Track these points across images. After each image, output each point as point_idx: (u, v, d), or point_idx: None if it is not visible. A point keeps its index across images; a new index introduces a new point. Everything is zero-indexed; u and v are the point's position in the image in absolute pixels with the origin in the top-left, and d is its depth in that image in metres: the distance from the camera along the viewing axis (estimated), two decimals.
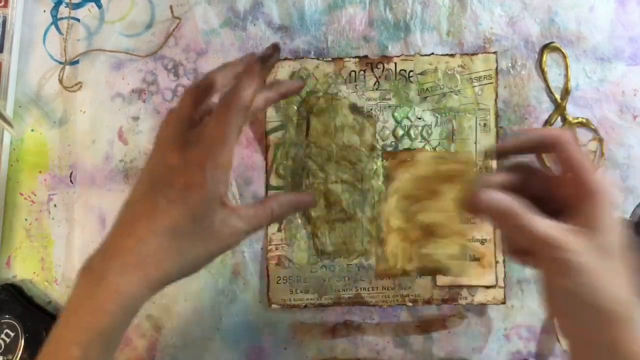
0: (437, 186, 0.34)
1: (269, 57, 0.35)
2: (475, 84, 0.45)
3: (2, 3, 0.45)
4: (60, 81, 0.46)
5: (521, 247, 0.33)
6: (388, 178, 0.38)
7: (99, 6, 0.47)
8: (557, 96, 0.45)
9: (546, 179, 0.33)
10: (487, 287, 0.44)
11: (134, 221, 0.33)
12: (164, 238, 0.33)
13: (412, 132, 0.45)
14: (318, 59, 0.45)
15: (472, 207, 0.31)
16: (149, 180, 0.34)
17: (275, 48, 0.35)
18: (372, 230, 0.44)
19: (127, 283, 0.32)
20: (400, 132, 0.45)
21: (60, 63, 0.46)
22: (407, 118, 0.45)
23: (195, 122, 0.34)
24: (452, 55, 0.45)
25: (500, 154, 0.34)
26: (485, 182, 0.32)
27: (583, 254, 0.29)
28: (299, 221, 0.45)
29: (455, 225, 0.34)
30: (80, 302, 0.33)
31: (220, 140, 0.32)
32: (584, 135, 0.45)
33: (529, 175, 0.33)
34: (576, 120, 0.45)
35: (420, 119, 0.45)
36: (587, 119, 0.45)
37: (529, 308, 0.45)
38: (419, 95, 0.45)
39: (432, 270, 0.38)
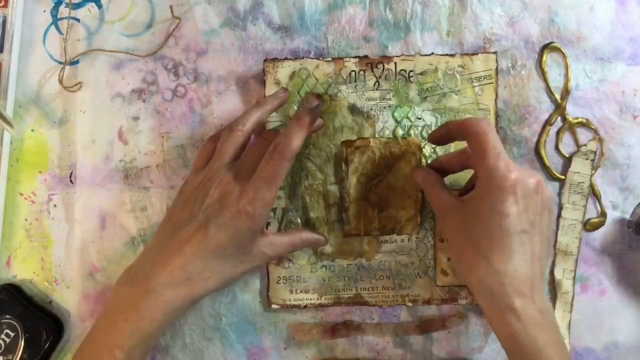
0: (390, 164, 0.43)
1: (316, 107, 0.40)
2: (475, 84, 0.45)
3: (2, 3, 0.45)
4: (60, 81, 0.46)
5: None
6: (347, 161, 0.43)
7: (99, 6, 0.47)
8: (557, 96, 0.45)
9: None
10: None
11: (183, 242, 0.38)
12: (211, 259, 0.37)
13: (412, 132, 0.45)
14: (318, 59, 0.45)
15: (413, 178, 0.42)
16: (199, 203, 0.38)
17: (318, 98, 0.40)
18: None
19: (173, 296, 0.37)
20: (400, 132, 0.45)
21: (60, 63, 0.46)
22: (407, 118, 0.45)
23: (249, 155, 0.40)
24: (452, 55, 0.45)
25: (432, 141, 0.42)
26: (433, 161, 0.43)
27: (450, 222, 0.38)
28: (299, 221, 0.45)
29: (407, 194, 0.43)
30: (126, 309, 0.37)
31: (271, 180, 0.37)
32: (584, 135, 0.45)
33: (468, 160, 0.40)
34: (576, 120, 0.45)
35: (420, 119, 0.45)
36: (587, 119, 0.45)
37: None
38: (419, 95, 0.45)
39: (389, 230, 0.44)
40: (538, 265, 0.36)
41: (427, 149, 0.45)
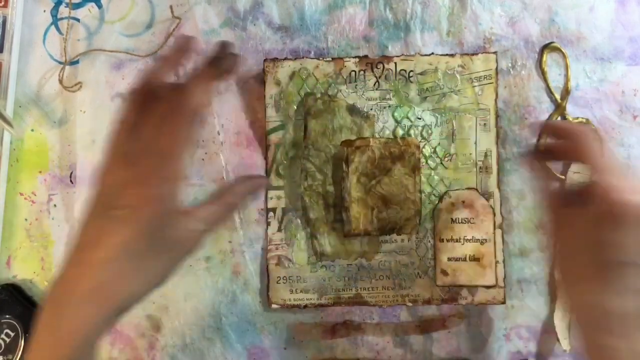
0: (390, 164, 0.43)
1: (220, 59, 0.32)
2: (475, 84, 0.45)
3: (2, 3, 0.45)
4: (60, 81, 0.46)
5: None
6: (347, 161, 0.43)
7: (99, 6, 0.47)
8: (557, 96, 0.45)
9: None
10: (487, 287, 0.44)
11: (85, 248, 0.31)
12: (120, 262, 0.30)
13: (412, 132, 0.45)
14: (318, 59, 0.45)
15: (549, 130, 0.40)
16: (97, 200, 0.32)
17: (223, 46, 0.32)
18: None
19: (86, 315, 0.30)
20: (400, 132, 0.45)
21: (60, 63, 0.46)
22: (407, 118, 0.45)
23: (142, 127, 0.32)
24: (452, 55, 0.45)
25: (544, 131, 0.43)
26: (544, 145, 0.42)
27: (560, 233, 0.35)
28: (299, 221, 0.45)
29: (406, 194, 0.44)
30: (44, 334, 0.31)
31: (168, 152, 0.31)
32: None
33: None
34: (576, 120, 0.45)
35: (420, 119, 0.45)
36: (587, 119, 0.45)
37: (529, 308, 0.45)
38: (419, 95, 0.45)
39: (389, 230, 0.44)
40: None
41: (427, 149, 0.45)
